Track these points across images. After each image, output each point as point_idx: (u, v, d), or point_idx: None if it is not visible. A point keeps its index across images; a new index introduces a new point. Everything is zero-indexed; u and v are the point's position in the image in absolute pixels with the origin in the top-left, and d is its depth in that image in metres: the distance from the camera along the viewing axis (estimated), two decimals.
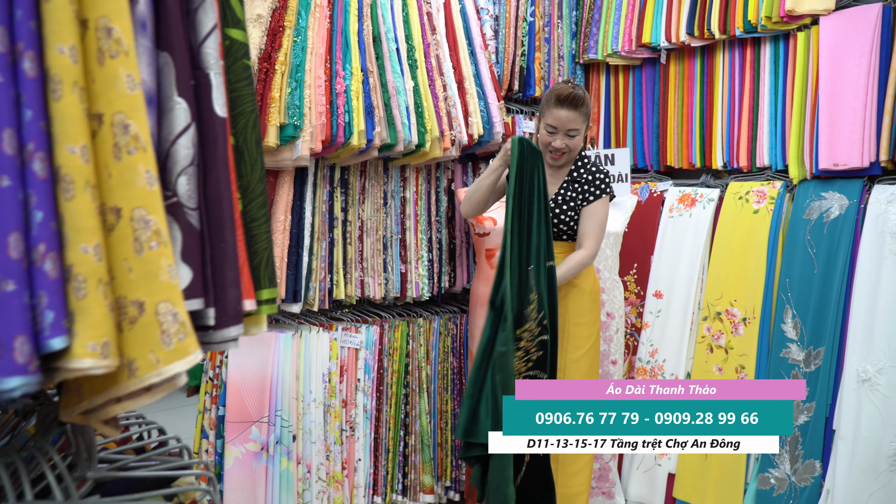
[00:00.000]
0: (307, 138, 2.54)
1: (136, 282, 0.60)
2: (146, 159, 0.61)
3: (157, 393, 0.63)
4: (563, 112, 2.45)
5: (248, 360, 2.73)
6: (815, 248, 2.86)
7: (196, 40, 0.71)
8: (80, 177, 0.58)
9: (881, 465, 2.58)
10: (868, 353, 2.66)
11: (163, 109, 0.68)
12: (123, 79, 0.60)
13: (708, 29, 3.18)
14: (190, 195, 0.69)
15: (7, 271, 0.54)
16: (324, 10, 2.65)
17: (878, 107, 2.73)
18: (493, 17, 3.43)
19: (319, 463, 2.80)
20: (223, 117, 0.73)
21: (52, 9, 0.57)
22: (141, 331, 0.60)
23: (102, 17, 0.60)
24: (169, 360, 0.60)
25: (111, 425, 0.65)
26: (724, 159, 3.29)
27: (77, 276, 0.57)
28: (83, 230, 0.57)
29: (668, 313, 3.26)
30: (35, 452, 0.73)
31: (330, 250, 2.85)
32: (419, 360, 3.17)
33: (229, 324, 0.73)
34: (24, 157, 0.56)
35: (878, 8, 2.74)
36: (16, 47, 0.56)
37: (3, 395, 0.54)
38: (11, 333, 0.54)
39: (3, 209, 0.55)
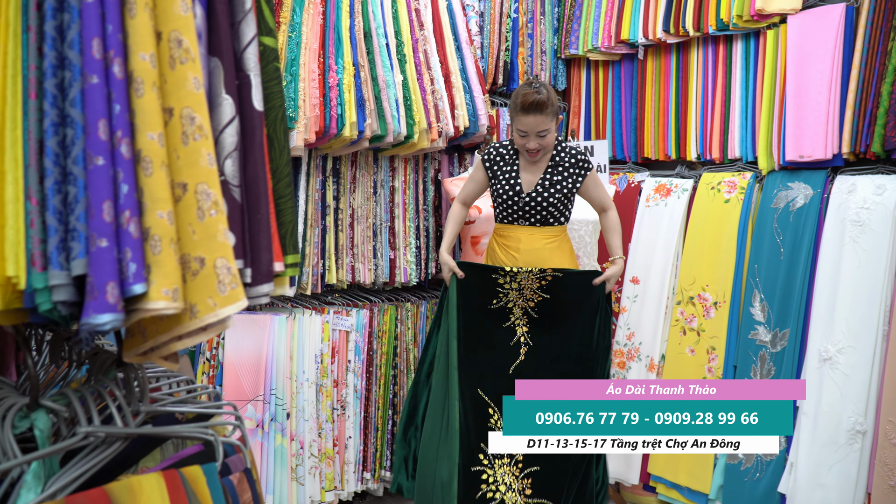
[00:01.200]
0: (301, 129, 2.66)
1: (199, 242, 0.74)
2: (208, 145, 0.76)
3: (210, 332, 0.77)
4: (529, 118, 2.58)
5: (244, 342, 2.84)
6: (782, 235, 3.02)
7: (239, 48, 0.85)
8: (157, 158, 0.72)
9: (840, 439, 2.75)
10: (829, 333, 2.82)
11: (213, 104, 0.82)
12: (191, 80, 0.74)
13: (683, 26, 3.34)
14: (234, 174, 0.83)
15: (101, 231, 0.68)
16: (317, 7, 2.77)
17: (841, 102, 2.90)
18: (479, 13, 3.57)
19: (312, 440, 2.93)
20: (260, 111, 0.88)
21: (136, 24, 0.71)
22: (202, 281, 0.74)
23: (174, 30, 0.74)
24: (223, 305, 0.75)
25: (171, 360, 0.79)
26: (697, 151, 3.45)
27: (154, 237, 0.71)
28: (159, 200, 0.72)
29: (644, 298, 3.42)
30: (98, 388, 0.87)
31: (322, 237, 2.98)
32: (407, 342, 3.31)
33: (263, 281, 0.88)
34: (113, 142, 0.70)
35: (841, 8, 2.90)
36: (107, 54, 0.71)
37: (96, 328, 0.68)
38: (104, 280, 0.68)
39: (98, 183, 0.69)
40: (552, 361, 2.66)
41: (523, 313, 2.65)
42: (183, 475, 0.79)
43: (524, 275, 2.61)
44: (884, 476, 2.62)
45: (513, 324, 2.65)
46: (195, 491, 0.79)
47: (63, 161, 0.71)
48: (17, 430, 0.80)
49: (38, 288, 0.70)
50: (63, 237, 0.71)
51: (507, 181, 2.71)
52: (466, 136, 3.32)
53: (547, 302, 2.64)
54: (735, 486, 3.01)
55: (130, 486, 0.75)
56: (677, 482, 3.18)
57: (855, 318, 2.76)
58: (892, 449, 2.61)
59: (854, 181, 2.86)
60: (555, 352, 2.67)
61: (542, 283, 2.62)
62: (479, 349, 2.65)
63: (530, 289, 2.62)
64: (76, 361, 0.98)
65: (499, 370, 2.64)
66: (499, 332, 2.66)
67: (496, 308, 2.65)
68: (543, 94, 2.56)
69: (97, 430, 0.79)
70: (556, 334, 2.67)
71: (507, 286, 2.63)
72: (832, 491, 2.73)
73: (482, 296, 2.66)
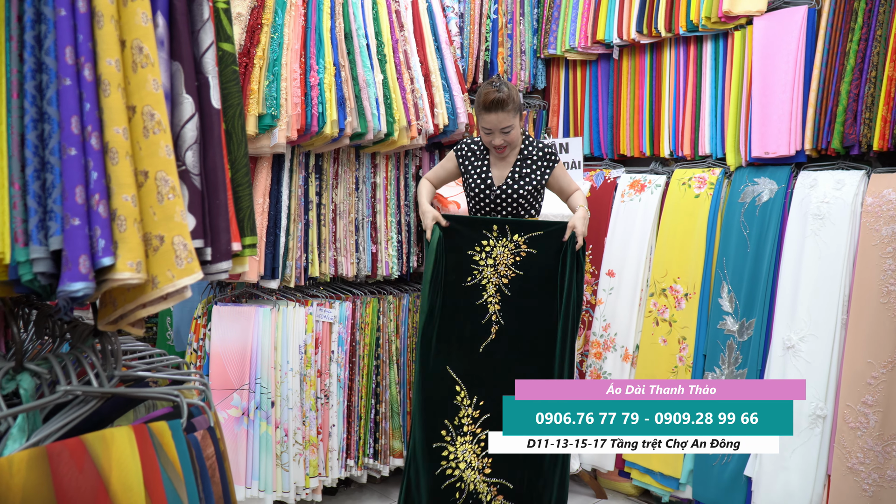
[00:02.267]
0: (284, 127, 2.77)
1: (159, 222, 0.86)
2: (166, 138, 0.88)
3: (170, 300, 0.89)
4: (492, 116, 2.69)
5: (230, 333, 2.94)
6: (749, 228, 3.14)
7: (198, 53, 0.97)
8: (122, 149, 0.84)
9: (802, 424, 2.86)
10: (792, 323, 2.94)
11: (175, 103, 0.94)
12: (151, 82, 0.86)
13: (655, 27, 3.45)
14: (194, 164, 0.95)
15: (74, 212, 0.81)
16: (298, 8, 2.88)
17: (804, 100, 3.01)
18: (459, 14, 3.68)
19: (296, 428, 3.03)
20: (218, 109, 1.00)
21: (103, 34, 0.84)
22: (162, 256, 0.86)
23: (136, 38, 0.86)
24: (181, 276, 0.87)
25: (137, 326, 0.91)
26: (670, 148, 3.57)
27: (120, 217, 0.83)
28: (124, 185, 0.84)
29: (619, 290, 3.53)
30: (77, 354, 0.98)
31: (305, 231, 3.08)
32: (389, 334, 3.41)
33: (222, 259, 1.00)
34: (84, 136, 0.82)
35: (803, 10, 3.02)
36: (79, 60, 0.83)
37: (71, 294, 0.80)
38: (77, 253, 0.80)
39: (71, 170, 0.81)
40: (521, 342, 2.75)
41: (496, 290, 2.74)
42: (150, 429, 0.90)
43: (500, 248, 2.69)
44: (842, 458, 2.74)
45: (486, 301, 2.74)
46: (161, 443, 0.90)
47: (41, 152, 0.83)
48: (4, 391, 0.91)
49: (20, 261, 0.83)
50: (42, 217, 0.83)
51: (478, 175, 2.83)
52: (446, 134, 3.43)
53: (520, 278, 2.73)
54: (704, 471, 3.12)
55: (104, 436, 0.86)
56: (650, 468, 3.29)
57: (816, 307, 2.88)
58: (850, 432, 2.73)
59: (815, 176, 2.98)
60: (525, 332, 2.76)
61: (517, 259, 2.71)
62: (451, 325, 2.74)
63: (505, 264, 2.71)
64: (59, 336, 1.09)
65: (469, 348, 2.73)
66: (471, 309, 2.74)
67: (470, 286, 2.73)
68: (504, 92, 2.67)
69: (74, 388, 0.89)
70: (527, 313, 2.76)
71: (482, 262, 2.72)
72: (795, 473, 2.85)
73: (457, 273, 2.75)
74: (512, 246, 2.69)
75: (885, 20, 2.75)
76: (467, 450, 2.70)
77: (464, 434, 2.71)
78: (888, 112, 2.70)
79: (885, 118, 2.71)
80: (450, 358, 2.73)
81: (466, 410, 2.71)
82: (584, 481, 3.56)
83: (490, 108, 2.67)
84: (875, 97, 2.76)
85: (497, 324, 2.74)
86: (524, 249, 2.70)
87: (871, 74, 2.77)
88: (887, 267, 2.69)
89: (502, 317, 2.74)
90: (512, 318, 2.75)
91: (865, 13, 2.81)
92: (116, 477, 0.84)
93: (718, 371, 3.17)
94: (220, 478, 1.00)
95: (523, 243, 2.70)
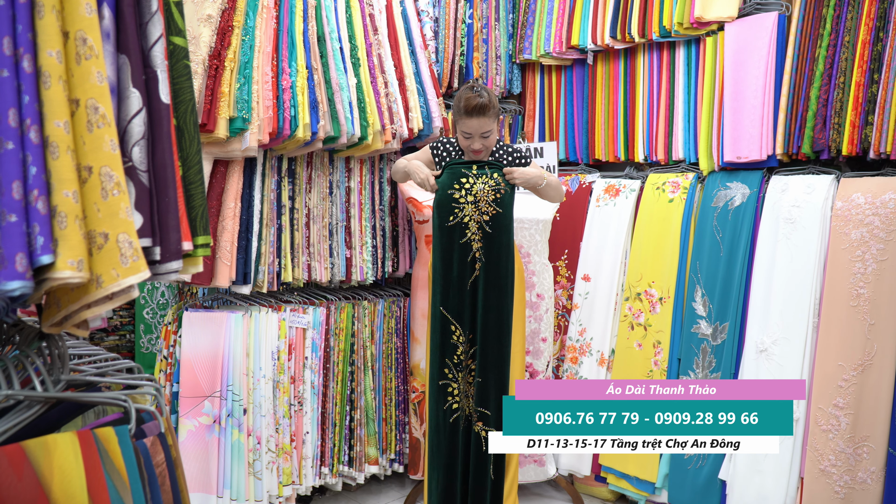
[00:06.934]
0: (255, 130, 2.74)
1: (103, 219, 0.83)
2: (110, 132, 0.85)
3: (116, 300, 0.86)
4: (473, 121, 2.69)
5: (201, 339, 2.90)
6: (721, 233, 3.16)
7: (147, 46, 0.95)
8: (63, 143, 0.81)
9: None
10: (765, 326, 2.96)
11: (122, 97, 0.91)
12: (95, 74, 0.83)
13: (629, 33, 3.47)
14: (142, 161, 0.92)
15: (11, 208, 0.77)
16: (270, 11, 2.85)
17: (775, 106, 3.04)
18: (434, 18, 3.67)
19: (269, 435, 2.99)
20: (167, 104, 0.97)
21: (43, 24, 0.81)
22: (106, 254, 0.83)
23: (80, 30, 0.83)
24: (126, 275, 0.83)
25: (82, 327, 0.88)
26: (644, 153, 3.58)
27: (60, 213, 0.80)
28: (65, 181, 0.80)
29: (595, 295, 3.54)
30: (21, 359, 0.94)
31: (278, 236, 3.05)
32: (364, 339, 3.38)
33: (171, 259, 0.97)
34: (23, 129, 0.79)
35: (774, 17, 3.05)
36: (18, 51, 0.79)
37: (7, 293, 0.76)
38: (14, 251, 0.77)
39: (8, 165, 0.78)
40: (499, 277, 2.75)
41: (478, 228, 2.72)
42: (96, 435, 0.87)
43: (480, 184, 2.68)
44: (815, 460, 2.75)
45: (469, 239, 2.73)
46: (107, 450, 0.87)
47: None
48: None
49: None
50: None
51: None
52: (421, 138, 3.42)
53: (500, 216, 2.72)
54: (679, 474, 3.13)
55: (46, 443, 0.83)
56: (626, 472, 3.29)
57: (788, 311, 2.89)
58: (821, 435, 2.75)
59: (787, 181, 3.00)
60: (502, 268, 2.76)
61: (497, 196, 2.70)
62: (445, 266, 2.75)
63: (486, 201, 2.70)
64: (4, 339, 1.05)
65: (458, 287, 2.75)
66: (457, 248, 2.74)
67: (453, 224, 2.72)
68: (485, 98, 2.68)
69: (16, 393, 0.86)
70: (505, 249, 2.76)
71: (462, 200, 2.71)
72: (768, 476, 2.86)
73: (440, 213, 2.74)
74: (493, 183, 2.70)
75: (852, 26, 2.78)
76: (461, 381, 2.80)
77: (462, 369, 2.78)
78: (856, 117, 2.73)
79: (854, 123, 2.74)
80: (446, 299, 2.77)
81: (462, 347, 2.77)
82: (560, 486, 3.55)
83: (472, 113, 2.67)
84: (844, 102, 2.79)
85: (480, 261, 2.74)
86: (504, 187, 2.71)
87: (840, 80, 2.80)
88: (857, 270, 2.71)
89: (484, 254, 2.73)
90: (492, 254, 2.75)
91: (834, 20, 2.84)
92: (58, 484, 0.81)
93: (693, 374, 3.17)
94: (171, 485, 0.97)
95: (502, 181, 2.71)
